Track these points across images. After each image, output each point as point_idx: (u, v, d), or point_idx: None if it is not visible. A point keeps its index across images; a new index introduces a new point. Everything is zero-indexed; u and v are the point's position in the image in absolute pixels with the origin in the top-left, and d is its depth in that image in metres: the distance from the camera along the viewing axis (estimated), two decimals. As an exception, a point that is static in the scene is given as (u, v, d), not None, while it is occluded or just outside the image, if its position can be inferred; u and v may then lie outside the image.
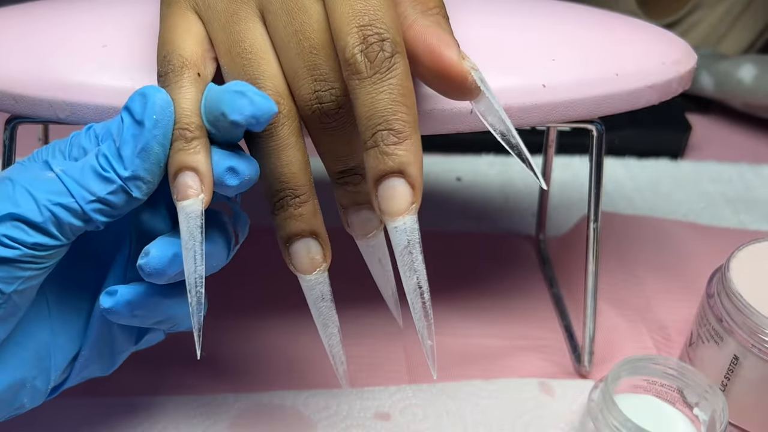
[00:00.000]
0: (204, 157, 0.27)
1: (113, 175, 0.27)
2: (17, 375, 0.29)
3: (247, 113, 0.26)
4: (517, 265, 0.52)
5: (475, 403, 0.41)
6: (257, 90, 0.27)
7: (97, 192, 0.27)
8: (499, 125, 0.28)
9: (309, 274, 0.30)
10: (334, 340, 0.32)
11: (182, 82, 0.28)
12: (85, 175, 0.27)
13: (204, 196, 0.27)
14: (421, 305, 0.27)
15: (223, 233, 0.30)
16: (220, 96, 0.27)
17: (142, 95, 0.27)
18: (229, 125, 0.27)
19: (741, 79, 0.68)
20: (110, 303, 0.29)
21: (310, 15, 0.28)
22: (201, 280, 0.28)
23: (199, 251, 0.28)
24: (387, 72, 0.26)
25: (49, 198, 0.27)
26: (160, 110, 0.27)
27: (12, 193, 0.27)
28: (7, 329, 0.29)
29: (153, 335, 0.33)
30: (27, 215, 0.27)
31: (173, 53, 0.28)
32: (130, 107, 0.28)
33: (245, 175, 0.28)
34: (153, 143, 0.27)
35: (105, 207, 0.27)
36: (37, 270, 0.28)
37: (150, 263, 0.28)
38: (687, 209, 0.59)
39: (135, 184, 0.27)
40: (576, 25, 0.38)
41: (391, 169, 0.26)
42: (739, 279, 0.38)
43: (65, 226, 0.27)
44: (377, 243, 0.32)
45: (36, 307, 0.30)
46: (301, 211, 0.29)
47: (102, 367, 0.33)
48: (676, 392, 0.37)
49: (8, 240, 0.26)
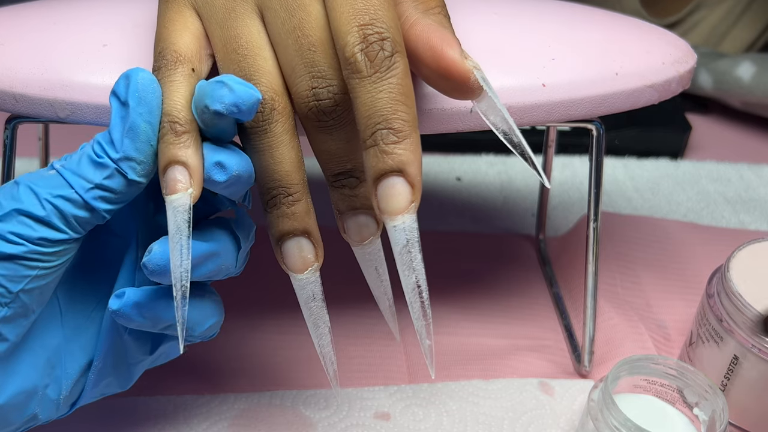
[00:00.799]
0: (193, 152, 0.27)
1: (106, 160, 0.27)
2: (29, 382, 0.29)
3: (227, 101, 0.26)
4: (517, 265, 0.52)
5: (475, 403, 0.41)
6: (239, 79, 0.27)
7: (93, 179, 0.27)
8: (502, 124, 0.28)
9: (300, 273, 0.30)
10: (324, 341, 0.32)
11: (174, 77, 0.28)
12: (82, 165, 0.28)
13: (193, 190, 0.27)
14: (420, 305, 0.27)
15: (231, 238, 0.30)
16: (203, 88, 0.27)
17: (125, 77, 0.27)
18: (212, 116, 0.27)
19: (739, 77, 0.68)
20: (118, 305, 0.29)
21: (308, 12, 0.28)
22: (186, 274, 0.28)
23: (186, 246, 0.27)
24: (387, 71, 0.26)
25: (50, 191, 0.27)
26: (142, 88, 0.27)
27: (16, 192, 0.27)
28: (19, 332, 0.28)
29: (169, 347, 0.33)
30: (30, 209, 0.27)
31: (167, 48, 0.28)
32: (115, 91, 0.28)
33: (233, 170, 0.28)
34: (139, 121, 0.27)
35: (105, 193, 0.27)
36: (45, 269, 0.28)
37: (152, 259, 0.28)
38: (687, 209, 0.59)
39: (128, 165, 0.27)
40: (576, 24, 0.38)
41: (391, 168, 0.26)
42: (739, 279, 0.38)
43: (69, 217, 0.27)
44: (374, 250, 0.31)
45: (49, 312, 0.30)
46: (293, 209, 0.29)
47: (119, 381, 0.33)
48: (676, 392, 0.37)
49: (13, 236, 0.27)
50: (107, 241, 0.31)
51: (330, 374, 0.33)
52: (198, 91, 0.27)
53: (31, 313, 0.29)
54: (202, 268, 0.29)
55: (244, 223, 0.31)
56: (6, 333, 0.28)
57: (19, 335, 0.29)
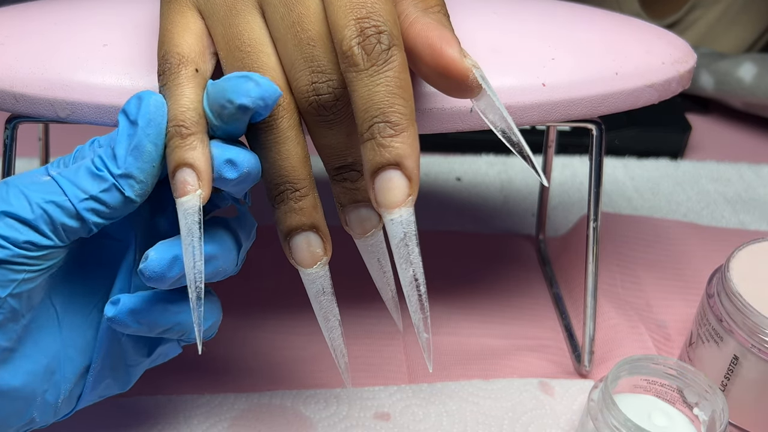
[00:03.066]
0: (201, 153, 0.27)
1: (106, 174, 0.27)
2: (28, 388, 0.29)
3: (254, 95, 0.26)
4: (517, 265, 0.52)
5: (475, 403, 0.41)
6: (261, 75, 0.27)
7: (89, 190, 0.27)
8: (501, 123, 0.28)
9: (309, 267, 0.30)
10: (335, 333, 0.32)
11: (179, 80, 0.28)
12: (79, 175, 0.28)
13: (202, 191, 0.27)
14: (417, 298, 0.27)
15: (232, 238, 0.30)
16: (223, 85, 0.27)
17: (137, 98, 0.28)
18: (236, 111, 0.27)
19: (741, 78, 0.68)
20: (113, 312, 0.29)
21: (307, 7, 0.28)
22: (200, 275, 0.28)
23: (198, 247, 0.27)
24: (384, 64, 0.26)
25: (42, 197, 0.27)
26: (153, 110, 0.27)
27: (5, 194, 0.27)
28: (10, 336, 0.28)
29: (167, 347, 0.33)
30: (18, 212, 0.27)
31: (170, 51, 0.28)
32: (125, 110, 0.28)
33: (244, 167, 0.28)
34: (145, 141, 0.27)
35: (98, 206, 0.27)
36: (32, 272, 0.28)
37: (149, 266, 0.28)
38: (687, 209, 0.59)
39: (128, 182, 0.27)
40: (576, 24, 0.38)
41: (388, 161, 0.26)
42: (739, 279, 0.38)
43: (57, 225, 0.27)
44: (376, 242, 0.31)
45: (46, 318, 0.30)
46: (301, 204, 0.29)
47: (118, 383, 0.33)
48: (676, 392, 0.37)
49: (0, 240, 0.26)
50: (104, 244, 0.31)
51: (341, 367, 0.33)
52: (216, 89, 0.27)
53: (21, 317, 0.28)
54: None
55: (246, 222, 0.31)
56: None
57: (12, 340, 0.28)
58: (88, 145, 0.30)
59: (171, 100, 0.28)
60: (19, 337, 0.29)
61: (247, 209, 0.32)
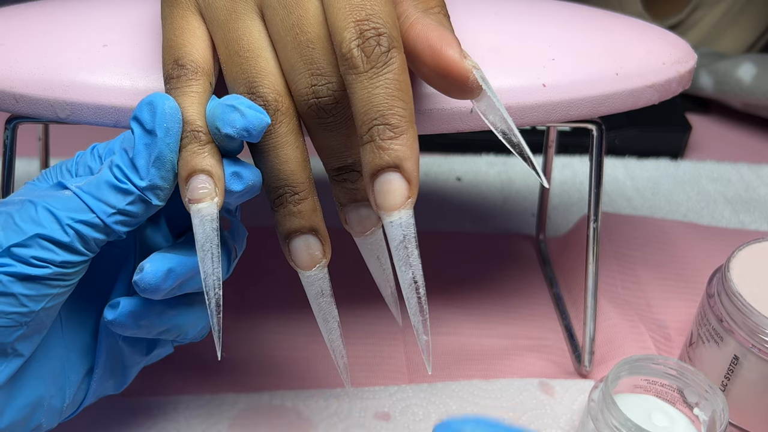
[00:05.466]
0: (217, 161, 0.28)
1: (130, 186, 0.27)
2: (36, 393, 0.29)
3: (239, 126, 0.27)
4: (517, 265, 0.52)
5: (475, 403, 0.41)
6: (250, 102, 0.27)
7: (116, 204, 0.27)
8: (501, 124, 0.28)
9: (309, 269, 0.30)
10: (334, 335, 0.32)
11: (196, 87, 0.28)
12: (102, 189, 0.27)
13: (218, 198, 0.27)
14: (417, 300, 0.27)
15: (224, 247, 0.30)
16: (213, 110, 0.27)
17: (149, 104, 0.27)
18: (222, 138, 0.27)
19: (740, 78, 0.68)
20: (113, 315, 0.29)
21: (307, 9, 0.27)
22: (219, 282, 0.28)
23: (216, 253, 0.28)
24: (383, 67, 0.26)
25: (71, 216, 0.27)
26: (170, 118, 0.27)
27: (35, 215, 0.27)
28: (32, 348, 0.29)
29: (162, 349, 0.33)
30: (53, 235, 0.27)
31: (185, 57, 0.28)
32: (139, 117, 0.27)
33: (249, 180, 0.28)
34: (166, 151, 0.27)
35: (125, 218, 0.28)
36: (65, 287, 0.28)
37: (144, 279, 0.28)
38: (687, 209, 0.59)
39: (153, 192, 0.28)
40: (576, 24, 0.38)
41: (387, 163, 0.26)
42: (739, 279, 0.38)
43: (90, 241, 0.27)
44: (375, 240, 0.32)
45: (52, 325, 0.30)
46: (300, 207, 0.29)
47: (115, 384, 0.33)
48: (676, 392, 0.37)
49: (37, 261, 0.27)
50: (104, 251, 0.31)
51: (341, 367, 0.33)
52: (209, 112, 0.28)
53: (44, 328, 0.29)
54: (192, 283, 0.29)
55: (238, 231, 0.32)
56: (22, 349, 0.28)
57: (32, 350, 0.29)
58: (89, 152, 0.30)
59: (187, 106, 0.28)
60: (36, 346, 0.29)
61: (239, 220, 0.32)
